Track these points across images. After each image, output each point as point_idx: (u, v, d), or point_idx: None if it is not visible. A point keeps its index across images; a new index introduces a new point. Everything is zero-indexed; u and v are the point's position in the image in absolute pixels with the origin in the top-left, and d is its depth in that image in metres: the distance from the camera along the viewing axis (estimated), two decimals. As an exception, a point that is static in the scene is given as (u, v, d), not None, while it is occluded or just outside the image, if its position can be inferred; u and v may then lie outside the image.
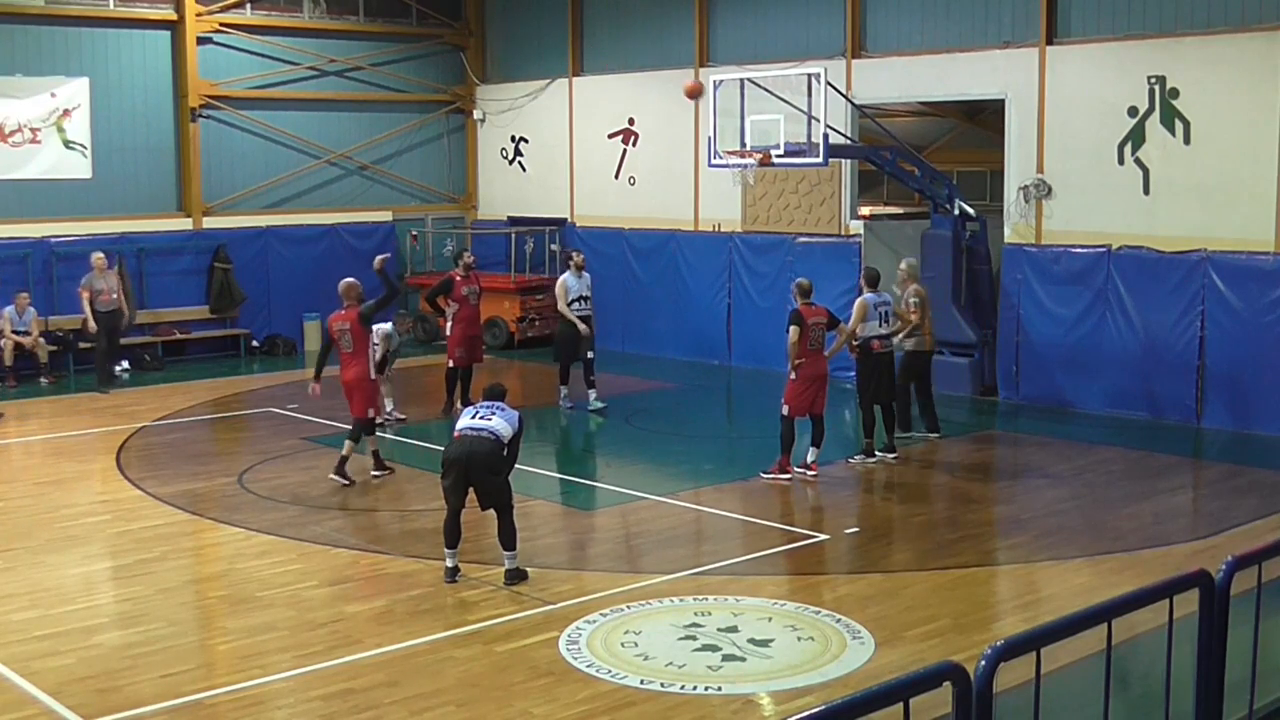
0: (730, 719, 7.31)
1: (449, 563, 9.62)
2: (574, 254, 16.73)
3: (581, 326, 16.07)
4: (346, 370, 12.84)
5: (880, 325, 13.51)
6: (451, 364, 15.94)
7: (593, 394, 16.27)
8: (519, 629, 8.65)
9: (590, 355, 16.30)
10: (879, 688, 3.79)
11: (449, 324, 16.00)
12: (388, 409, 15.53)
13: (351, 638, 8.50)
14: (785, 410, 12.76)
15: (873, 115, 18.34)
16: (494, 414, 9.58)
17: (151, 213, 20.78)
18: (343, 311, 12.90)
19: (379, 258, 13.60)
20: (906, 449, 13.83)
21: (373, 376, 12.95)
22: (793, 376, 12.74)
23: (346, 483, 12.52)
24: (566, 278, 16.28)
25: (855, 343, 13.48)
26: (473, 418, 9.60)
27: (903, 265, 14.56)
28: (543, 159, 23.02)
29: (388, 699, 7.50)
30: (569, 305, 16.12)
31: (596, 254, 21.55)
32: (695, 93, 15.19)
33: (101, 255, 18.40)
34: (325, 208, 22.53)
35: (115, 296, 18.24)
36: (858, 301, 13.60)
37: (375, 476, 12.78)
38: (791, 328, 12.64)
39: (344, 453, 12.66)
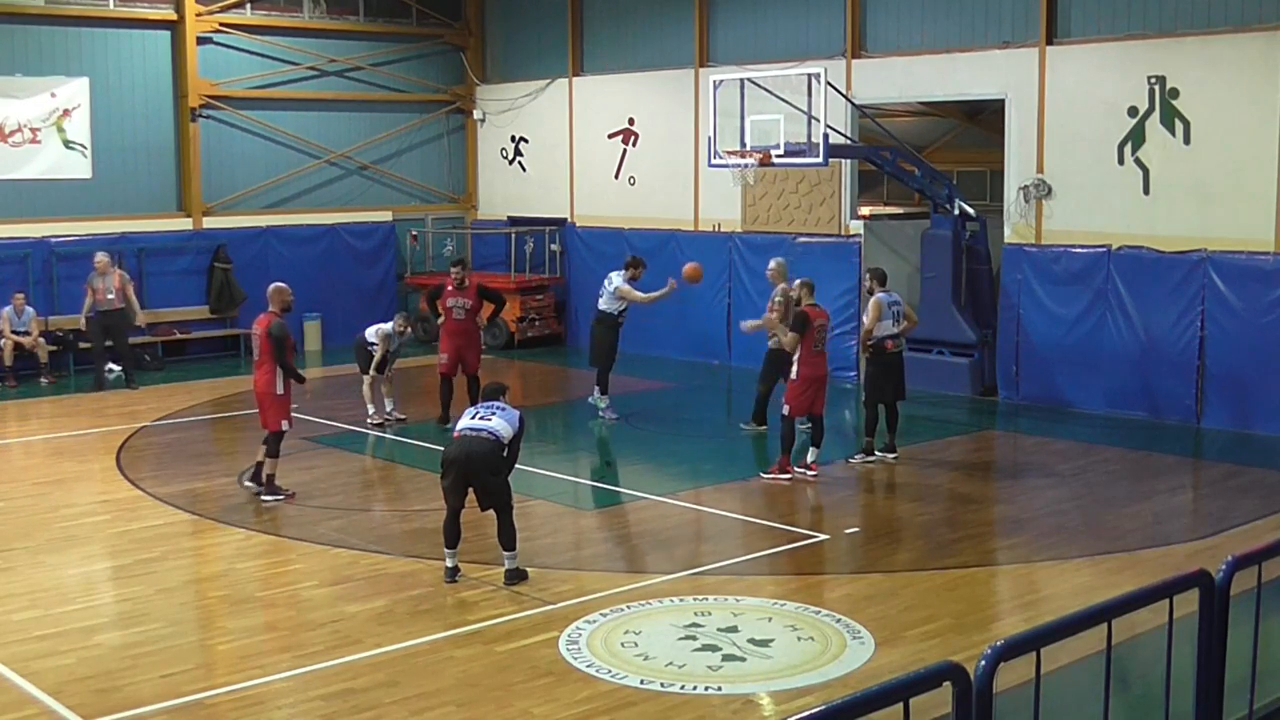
0: (730, 719, 7.31)
1: (449, 563, 9.61)
2: (640, 263, 16.00)
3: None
4: (256, 377, 12.08)
5: (893, 324, 13.46)
6: (441, 372, 15.72)
7: (602, 395, 16.07)
8: (519, 629, 8.65)
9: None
10: (879, 688, 3.79)
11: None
12: (388, 409, 15.54)
13: (351, 638, 8.50)
14: (786, 410, 12.76)
15: (873, 115, 18.34)
16: (494, 414, 9.57)
17: (151, 213, 20.78)
18: (263, 315, 12.04)
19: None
20: (905, 448, 13.82)
21: (280, 391, 11.90)
22: (793, 377, 12.73)
23: (283, 497, 11.94)
24: (623, 279, 15.69)
25: (870, 343, 13.40)
26: (473, 418, 9.59)
27: (771, 264, 14.64)
28: (543, 159, 23.02)
29: (388, 699, 7.50)
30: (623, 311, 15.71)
31: (596, 254, 21.58)
32: (695, 276, 14.89)
33: (104, 257, 18.28)
34: (325, 208, 22.53)
35: (111, 297, 18.12)
36: (871, 301, 13.49)
37: (265, 500, 11.90)
38: (790, 334, 12.62)
39: (266, 470, 11.99)
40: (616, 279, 15.73)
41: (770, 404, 14.57)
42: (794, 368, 12.73)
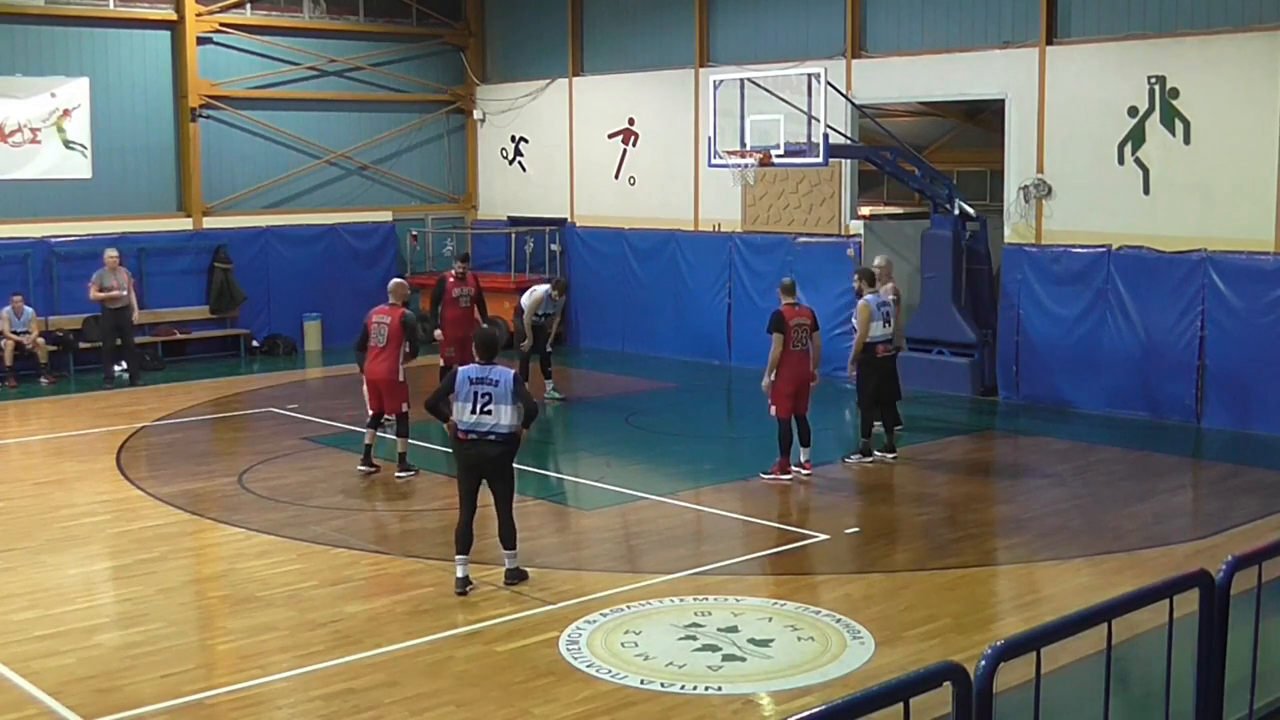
0: (730, 719, 7.31)
1: (460, 571, 9.35)
2: (558, 282, 17.73)
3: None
4: (377, 365, 13.05)
5: (884, 326, 13.40)
6: (443, 363, 15.90)
7: (550, 384, 17.08)
8: (519, 629, 8.65)
9: (549, 350, 17.32)
10: (879, 688, 3.79)
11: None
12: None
13: (351, 638, 8.50)
14: (773, 411, 12.69)
15: (873, 115, 18.34)
16: (491, 400, 9.23)
17: (151, 213, 20.78)
18: (386, 307, 13.11)
19: None
20: (905, 448, 13.81)
21: (401, 378, 13.03)
22: (772, 378, 12.62)
23: (412, 473, 12.92)
24: (545, 292, 17.09)
25: (865, 343, 13.25)
26: (473, 411, 9.25)
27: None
28: (543, 159, 23.02)
29: (388, 699, 7.50)
30: (536, 316, 16.95)
31: (596, 254, 21.61)
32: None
33: (114, 253, 18.41)
34: (325, 208, 22.53)
35: (124, 294, 18.27)
36: (859, 306, 13.38)
37: (398, 477, 12.87)
38: (774, 335, 12.48)
39: (399, 449, 12.96)
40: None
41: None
42: (775, 369, 12.63)
